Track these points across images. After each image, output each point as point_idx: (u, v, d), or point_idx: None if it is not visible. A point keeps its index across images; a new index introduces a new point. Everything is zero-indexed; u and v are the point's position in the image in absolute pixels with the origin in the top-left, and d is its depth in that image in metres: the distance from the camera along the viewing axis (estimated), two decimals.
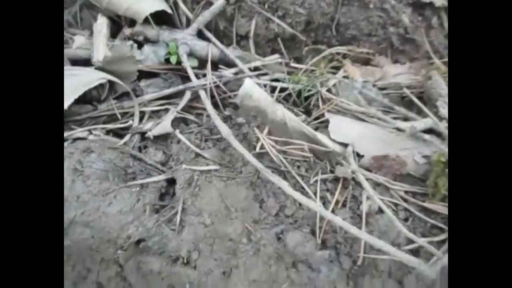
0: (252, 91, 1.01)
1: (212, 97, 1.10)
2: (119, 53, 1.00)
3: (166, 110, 1.08)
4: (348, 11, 1.06)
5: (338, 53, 1.10)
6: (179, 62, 1.11)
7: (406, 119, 1.04)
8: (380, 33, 1.09)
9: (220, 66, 1.13)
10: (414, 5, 1.08)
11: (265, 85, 1.10)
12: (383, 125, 1.02)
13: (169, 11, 1.08)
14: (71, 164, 0.90)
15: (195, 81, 1.07)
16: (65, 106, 0.98)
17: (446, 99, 0.97)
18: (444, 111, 0.94)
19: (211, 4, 1.11)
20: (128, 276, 1.02)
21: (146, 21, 1.09)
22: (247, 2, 1.07)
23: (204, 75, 1.10)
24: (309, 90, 1.05)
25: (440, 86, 0.98)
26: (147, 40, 1.10)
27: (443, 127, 0.94)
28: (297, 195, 0.86)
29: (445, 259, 0.78)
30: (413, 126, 0.92)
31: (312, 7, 1.05)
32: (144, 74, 1.12)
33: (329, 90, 1.06)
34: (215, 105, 1.11)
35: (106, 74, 1.00)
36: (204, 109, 1.11)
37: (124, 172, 0.95)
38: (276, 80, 1.10)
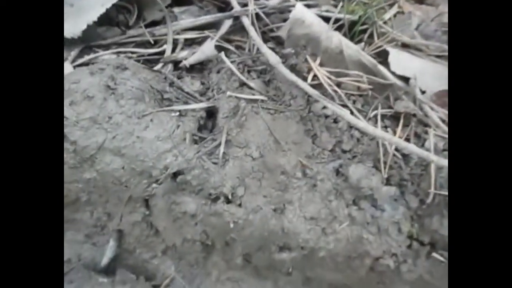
0: (305, 16, 0.90)
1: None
2: None
3: (203, 40, 0.97)
4: None
5: None
6: None
7: None
8: None
9: None
10: None
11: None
12: (442, 63, 0.93)
13: None
14: (102, 81, 0.77)
15: (237, 8, 0.96)
16: (84, 25, 0.86)
17: None
18: None
19: None
20: (156, 220, 0.90)
21: None
22: None
23: (246, 5, 0.99)
24: (364, 23, 0.96)
25: None
26: None
27: None
28: (362, 123, 0.76)
29: None
30: None
31: None
32: (177, 1, 1.01)
33: (385, 23, 0.96)
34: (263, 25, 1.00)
35: None
36: (244, 42, 1.00)
37: (160, 96, 0.83)
38: (327, 11, 0.99)
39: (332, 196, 0.77)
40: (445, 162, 0.69)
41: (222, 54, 0.88)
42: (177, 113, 0.81)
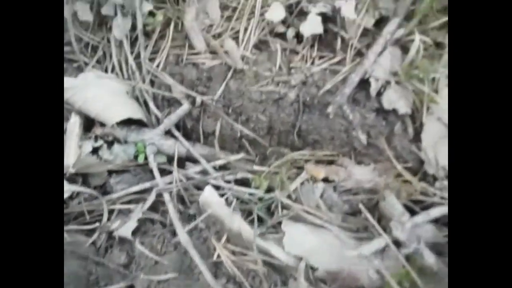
0: (211, 200, 1.04)
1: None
2: (87, 163, 1.06)
3: (135, 208, 1.13)
4: (309, 119, 1.07)
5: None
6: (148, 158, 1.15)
7: (366, 227, 1.05)
8: (342, 136, 1.09)
9: (188, 162, 1.17)
10: (377, 111, 1.08)
11: (229, 181, 1.13)
12: (340, 236, 1.03)
13: (136, 117, 1.12)
14: None
15: (160, 183, 1.11)
16: None
17: (401, 218, 0.97)
18: (397, 232, 0.95)
19: (180, 103, 1.15)
20: None
21: None
22: (211, 106, 1.10)
23: (171, 172, 1.14)
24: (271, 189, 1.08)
25: (393, 207, 0.98)
26: (117, 139, 1.15)
27: (394, 248, 0.94)
28: None
29: None
30: (361, 253, 0.93)
31: (273, 115, 1.07)
32: (115, 170, 1.17)
33: (289, 196, 1.08)
34: (182, 200, 1.15)
35: (75, 186, 1.05)
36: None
37: (86, 281, 1.00)
38: (241, 180, 1.12)
39: None
40: None
41: (137, 241, 1.04)
42: None
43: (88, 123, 1.18)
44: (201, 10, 1.25)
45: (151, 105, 1.15)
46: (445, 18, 1.12)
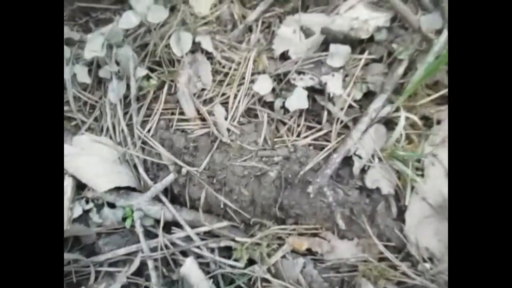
0: (191, 273, 1.06)
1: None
2: (77, 230, 1.10)
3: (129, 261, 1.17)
4: (290, 195, 1.07)
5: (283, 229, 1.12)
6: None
7: None
8: (325, 211, 1.09)
9: (174, 227, 1.19)
10: (361, 188, 1.08)
11: (212, 249, 1.15)
12: None
13: (124, 185, 1.16)
14: None
15: (145, 248, 1.14)
16: None
17: None
18: None
19: (168, 168, 1.18)
20: None
21: None
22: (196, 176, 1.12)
23: (157, 236, 1.17)
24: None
25: None
26: (107, 203, 1.19)
27: None
28: None
29: None
30: None
31: (255, 191, 1.08)
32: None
33: (269, 269, 1.09)
34: (167, 262, 1.17)
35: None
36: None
37: None
38: (225, 247, 1.14)
39: None
40: None
41: None
42: None
43: (81, 183, 1.23)
44: (194, 73, 1.28)
45: (141, 170, 1.18)
46: (435, 94, 1.11)
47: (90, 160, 1.15)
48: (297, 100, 1.10)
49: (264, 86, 1.13)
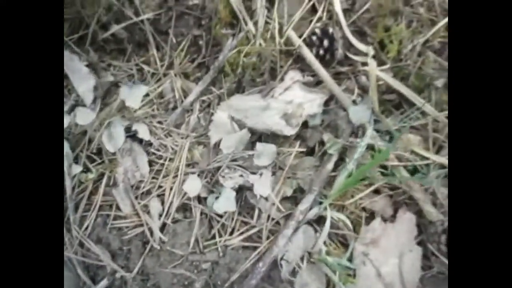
0: None
1: None
2: None
3: None
4: None
5: None
6: None
7: None
8: None
9: None
10: None
11: None
12: None
13: None
14: None
15: None
16: None
17: None
18: None
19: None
20: None
21: None
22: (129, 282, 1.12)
23: None
24: None
25: None
26: None
27: None
28: None
29: None
30: None
31: None
32: None
33: None
34: None
35: None
36: None
37: None
38: None
39: None
40: None
41: None
42: None
43: None
44: (132, 162, 1.27)
45: (79, 270, 1.19)
46: (369, 189, 1.09)
47: None
48: (225, 203, 1.09)
49: (193, 187, 1.12)
